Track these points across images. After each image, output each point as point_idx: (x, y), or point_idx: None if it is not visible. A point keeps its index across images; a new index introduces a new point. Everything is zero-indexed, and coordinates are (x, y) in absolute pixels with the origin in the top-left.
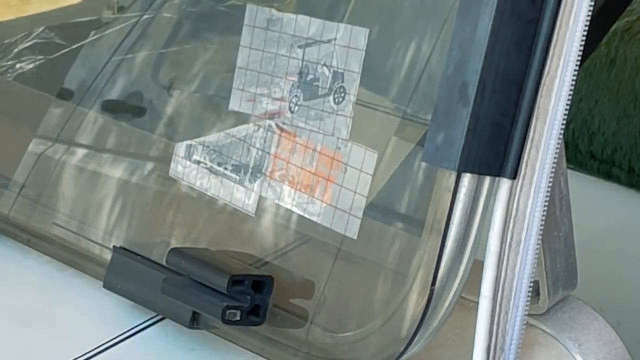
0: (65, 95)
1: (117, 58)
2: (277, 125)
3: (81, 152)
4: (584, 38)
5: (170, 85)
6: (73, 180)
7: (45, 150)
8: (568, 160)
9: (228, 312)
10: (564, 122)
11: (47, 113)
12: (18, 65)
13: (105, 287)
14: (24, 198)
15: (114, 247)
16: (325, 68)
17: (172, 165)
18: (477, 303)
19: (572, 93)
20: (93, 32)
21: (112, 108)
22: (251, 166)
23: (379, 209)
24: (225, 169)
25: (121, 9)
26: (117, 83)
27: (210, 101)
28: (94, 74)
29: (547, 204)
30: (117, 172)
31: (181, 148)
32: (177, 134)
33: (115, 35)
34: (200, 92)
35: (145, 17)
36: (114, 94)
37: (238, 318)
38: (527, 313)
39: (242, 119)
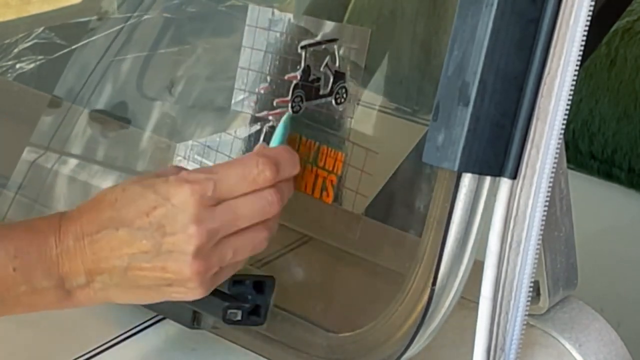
0: (55, 103)
1: (116, 58)
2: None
3: (80, 147)
4: (584, 38)
5: (171, 85)
6: (73, 179)
7: (38, 157)
8: (568, 160)
9: (229, 311)
10: (564, 122)
11: (40, 120)
12: (18, 65)
13: None
14: (21, 197)
15: None
16: (326, 68)
17: None
18: (477, 303)
19: (572, 93)
20: (89, 34)
21: (113, 107)
22: None
23: (379, 208)
24: None
25: (119, 10)
26: (120, 83)
27: (212, 101)
28: (84, 78)
29: (547, 204)
30: (117, 171)
31: (182, 148)
32: (177, 133)
33: (105, 38)
34: (201, 92)
35: (145, 16)
36: (114, 94)
37: (239, 318)
38: (527, 313)
39: (243, 118)
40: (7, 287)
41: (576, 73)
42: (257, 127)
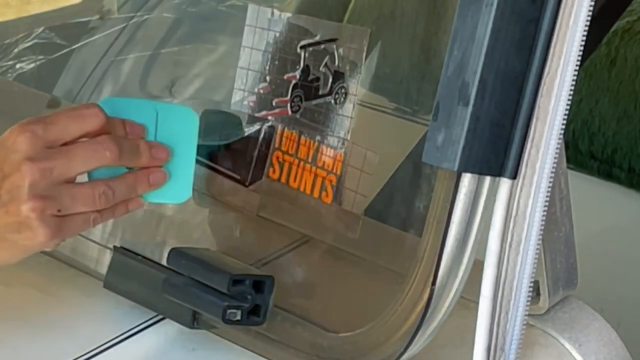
0: (54, 104)
1: (117, 58)
2: (278, 125)
3: None
4: (584, 38)
5: (171, 85)
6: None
7: None
8: (568, 160)
9: (228, 311)
10: (564, 122)
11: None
12: (18, 65)
13: (105, 287)
14: None
15: (114, 246)
16: (326, 68)
17: None
18: (477, 303)
19: (572, 93)
20: (89, 34)
21: None
22: (252, 166)
23: (379, 208)
24: (227, 169)
25: (119, 10)
26: (121, 83)
27: (211, 101)
28: (83, 78)
29: (547, 203)
30: None
31: None
32: None
33: (105, 38)
34: (200, 92)
35: (144, 17)
36: (114, 94)
37: (238, 318)
38: (527, 313)
39: (242, 118)
40: None
41: (576, 73)
42: (256, 127)
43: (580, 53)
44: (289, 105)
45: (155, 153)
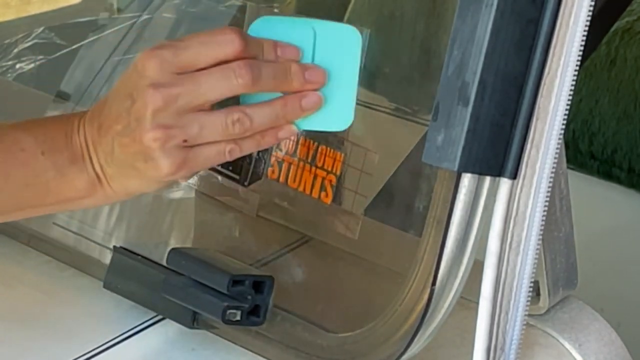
0: (62, 97)
1: (115, 58)
2: None
3: None
4: (584, 38)
5: None
6: None
7: None
8: (568, 160)
9: (228, 311)
10: (564, 122)
11: (45, 115)
12: (18, 65)
13: (105, 287)
14: None
15: (114, 247)
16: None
17: None
18: (477, 303)
19: (572, 93)
20: (90, 34)
21: None
22: (251, 166)
23: (379, 208)
24: (226, 168)
25: (119, 10)
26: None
27: None
28: (91, 75)
29: (547, 204)
30: None
31: None
32: None
33: (113, 36)
34: None
35: (144, 17)
36: None
37: (238, 318)
38: (527, 313)
39: None
40: (37, 173)
41: (576, 73)
42: None
43: (580, 53)
44: None
45: (309, 76)
